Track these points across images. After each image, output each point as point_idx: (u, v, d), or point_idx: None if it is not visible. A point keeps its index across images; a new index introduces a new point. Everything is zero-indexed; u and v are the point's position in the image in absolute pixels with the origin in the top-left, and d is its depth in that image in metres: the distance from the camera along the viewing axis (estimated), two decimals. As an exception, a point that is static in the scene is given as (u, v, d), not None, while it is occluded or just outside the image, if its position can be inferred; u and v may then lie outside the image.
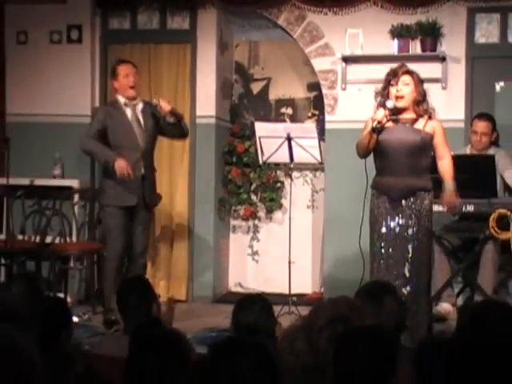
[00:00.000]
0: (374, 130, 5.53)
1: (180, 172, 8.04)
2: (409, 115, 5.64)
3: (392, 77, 5.62)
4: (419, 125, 5.63)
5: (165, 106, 6.48)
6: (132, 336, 3.30)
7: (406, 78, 5.59)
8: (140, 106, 6.64)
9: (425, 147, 5.60)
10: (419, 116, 5.63)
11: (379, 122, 5.53)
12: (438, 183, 5.87)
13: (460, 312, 4.56)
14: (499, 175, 7.05)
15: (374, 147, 5.62)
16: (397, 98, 5.57)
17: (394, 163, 5.59)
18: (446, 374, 2.33)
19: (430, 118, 5.68)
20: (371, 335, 2.75)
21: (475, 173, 6.68)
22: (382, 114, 5.55)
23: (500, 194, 6.99)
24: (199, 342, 4.80)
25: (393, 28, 7.56)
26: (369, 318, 3.24)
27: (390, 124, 5.64)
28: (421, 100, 5.61)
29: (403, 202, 5.59)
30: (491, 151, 7.12)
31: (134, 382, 2.80)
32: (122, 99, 6.62)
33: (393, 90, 5.59)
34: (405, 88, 5.57)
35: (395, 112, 5.60)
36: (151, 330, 3.28)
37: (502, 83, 7.59)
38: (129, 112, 6.61)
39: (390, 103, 5.57)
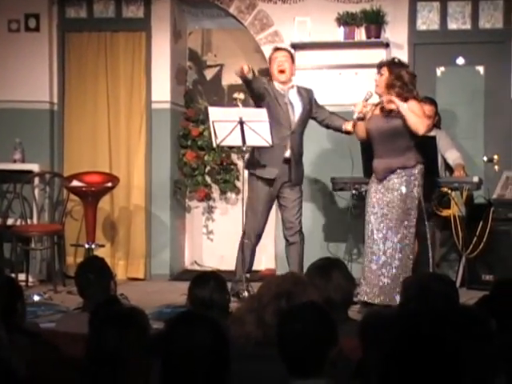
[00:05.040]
0: (357, 119, 6.36)
1: (137, 155, 8.22)
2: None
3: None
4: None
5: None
6: (92, 313, 3.46)
7: (380, 69, 6.33)
8: (294, 90, 6.81)
9: (399, 130, 6.23)
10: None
11: (360, 113, 6.33)
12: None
13: (404, 285, 4.74)
14: (440, 155, 7.37)
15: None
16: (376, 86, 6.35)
17: (376, 147, 6.33)
18: (392, 344, 2.32)
19: (406, 100, 6.21)
20: (307, 312, 2.88)
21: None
22: (360, 105, 6.34)
23: (441, 174, 7.29)
24: (156, 318, 4.91)
25: (339, 16, 7.79)
26: (313, 292, 3.42)
27: (377, 112, 6.33)
28: (395, 86, 6.22)
29: (386, 180, 6.26)
30: (432, 133, 7.37)
31: (95, 357, 2.90)
32: (277, 85, 6.80)
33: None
34: (379, 78, 6.30)
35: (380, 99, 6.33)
36: (110, 307, 3.42)
37: (442, 68, 7.88)
38: (284, 94, 6.77)
39: (367, 93, 6.39)
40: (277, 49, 7.05)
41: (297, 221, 6.85)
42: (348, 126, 6.74)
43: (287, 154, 6.76)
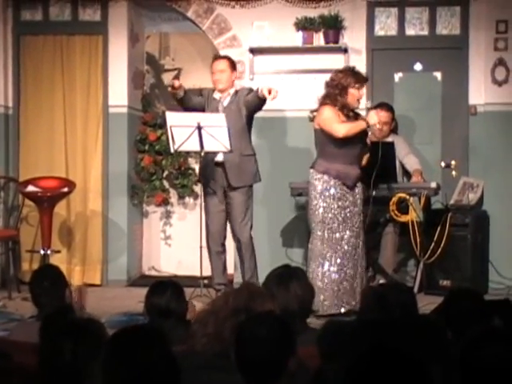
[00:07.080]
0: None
1: (93, 160, 8.15)
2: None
3: (357, 81, 6.32)
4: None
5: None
6: (43, 322, 3.40)
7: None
8: (228, 100, 6.93)
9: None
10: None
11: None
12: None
13: (363, 293, 4.74)
14: (398, 161, 7.41)
15: (331, 138, 6.24)
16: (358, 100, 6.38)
17: (348, 153, 6.27)
18: (350, 352, 2.40)
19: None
20: (266, 321, 2.88)
21: (376, 159, 6.98)
22: (376, 118, 6.29)
23: (399, 179, 7.34)
24: (112, 326, 4.69)
25: (297, 21, 7.78)
26: (271, 305, 3.39)
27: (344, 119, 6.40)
28: None
29: (356, 187, 6.36)
30: (390, 138, 7.43)
31: (48, 368, 2.87)
32: (216, 93, 6.96)
33: (355, 92, 6.32)
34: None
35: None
36: (63, 317, 3.39)
37: (400, 74, 7.92)
38: (220, 101, 6.94)
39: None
40: (215, 59, 7.11)
41: (241, 230, 6.87)
42: (265, 91, 6.58)
43: (218, 157, 6.87)
